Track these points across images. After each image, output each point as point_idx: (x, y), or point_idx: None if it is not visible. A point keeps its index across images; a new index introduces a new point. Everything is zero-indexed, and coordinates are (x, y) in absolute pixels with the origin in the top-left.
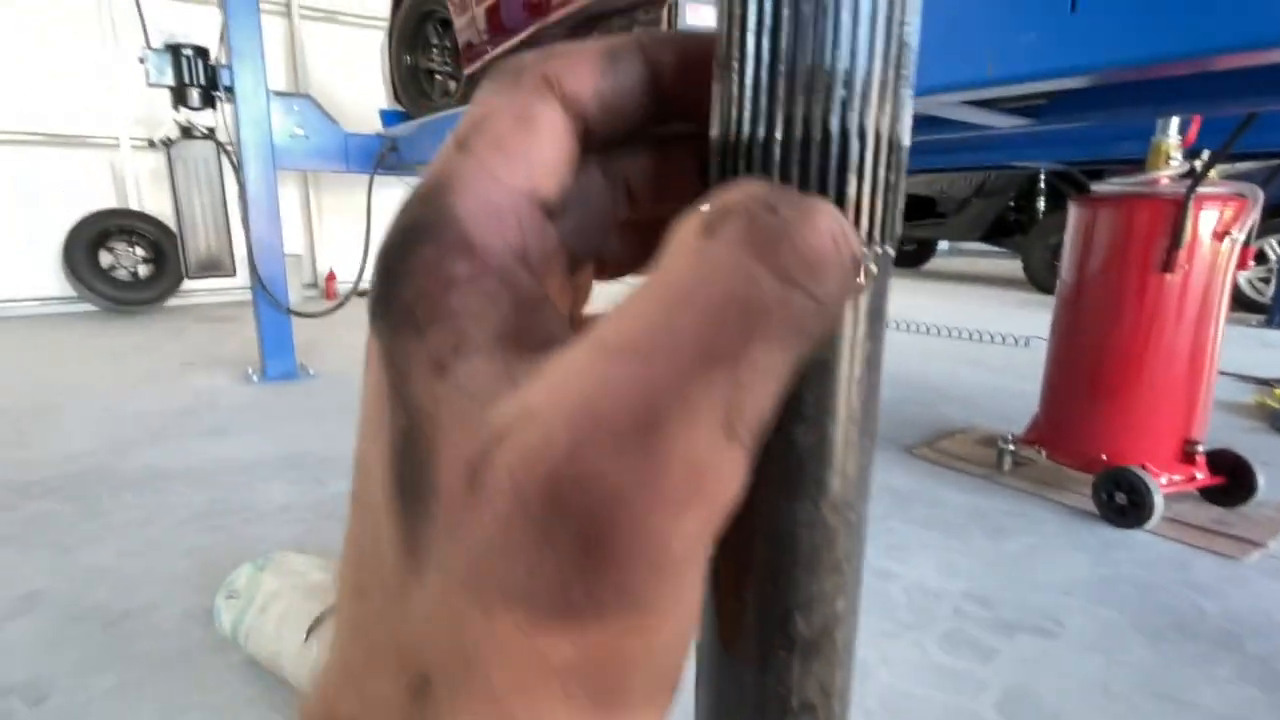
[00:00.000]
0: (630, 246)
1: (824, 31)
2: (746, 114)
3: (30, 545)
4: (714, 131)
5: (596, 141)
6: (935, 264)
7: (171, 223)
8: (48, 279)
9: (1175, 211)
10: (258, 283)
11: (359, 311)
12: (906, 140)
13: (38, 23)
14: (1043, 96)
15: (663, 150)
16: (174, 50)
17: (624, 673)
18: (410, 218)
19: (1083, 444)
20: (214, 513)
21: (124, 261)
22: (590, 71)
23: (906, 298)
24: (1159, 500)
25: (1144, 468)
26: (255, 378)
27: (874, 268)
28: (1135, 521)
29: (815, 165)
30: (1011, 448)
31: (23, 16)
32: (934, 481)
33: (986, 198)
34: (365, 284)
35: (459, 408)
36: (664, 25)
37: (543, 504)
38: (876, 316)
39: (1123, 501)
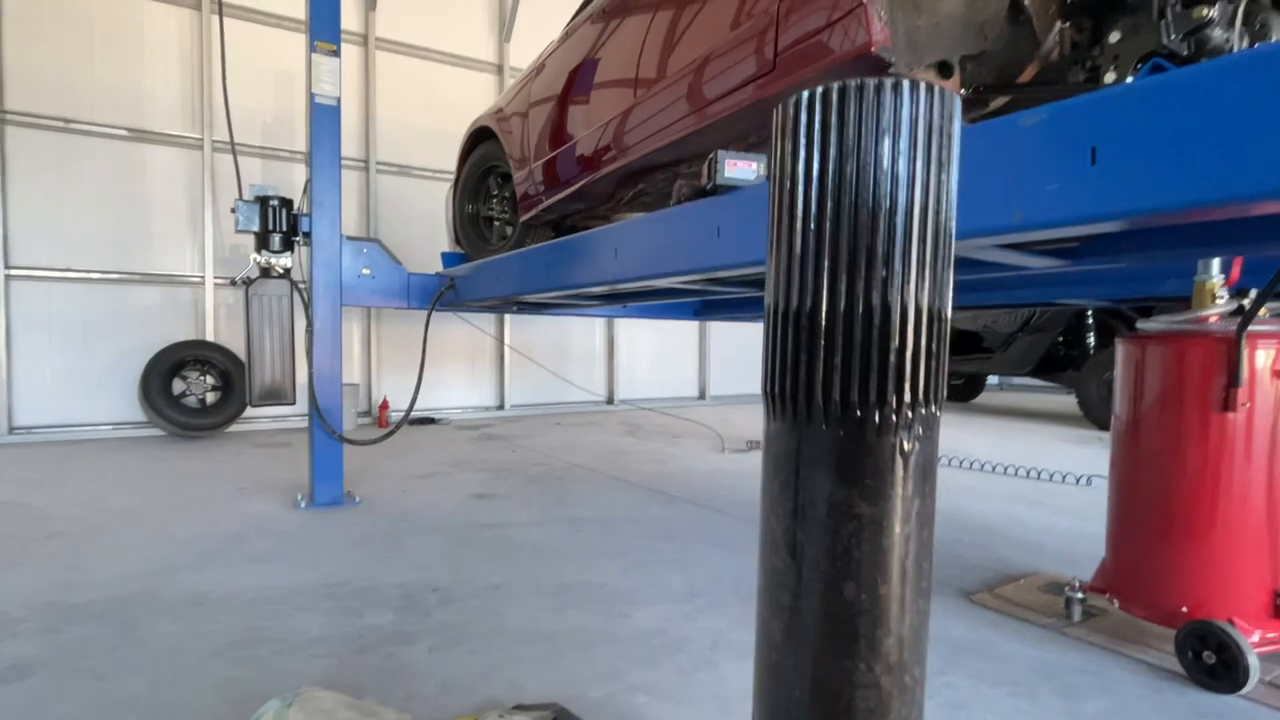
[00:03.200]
0: None
1: (867, 218)
2: (795, 286)
3: (66, 672)
4: (767, 299)
5: None
6: (986, 398)
7: (240, 352)
8: (122, 404)
9: (1228, 349)
10: (315, 411)
11: (407, 439)
12: (948, 313)
13: (149, 182)
14: (1076, 240)
15: None
16: (262, 201)
17: None
18: None
19: (1159, 594)
20: (248, 642)
21: (194, 389)
22: None
23: (956, 432)
24: (1254, 661)
25: (1231, 622)
26: (303, 503)
27: (920, 429)
28: (1229, 686)
29: (859, 336)
30: (1080, 596)
31: (140, 177)
32: (995, 632)
33: (1034, 333)
34: (415, 413)
35: None
36: (704, 179)
37: None
38: (927, 474)
39: (1212, 661)
